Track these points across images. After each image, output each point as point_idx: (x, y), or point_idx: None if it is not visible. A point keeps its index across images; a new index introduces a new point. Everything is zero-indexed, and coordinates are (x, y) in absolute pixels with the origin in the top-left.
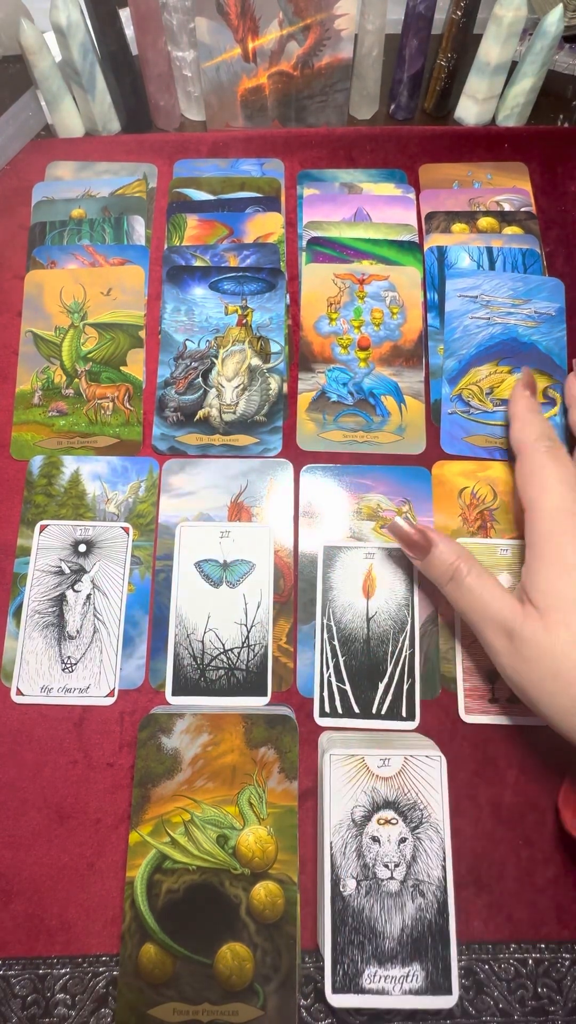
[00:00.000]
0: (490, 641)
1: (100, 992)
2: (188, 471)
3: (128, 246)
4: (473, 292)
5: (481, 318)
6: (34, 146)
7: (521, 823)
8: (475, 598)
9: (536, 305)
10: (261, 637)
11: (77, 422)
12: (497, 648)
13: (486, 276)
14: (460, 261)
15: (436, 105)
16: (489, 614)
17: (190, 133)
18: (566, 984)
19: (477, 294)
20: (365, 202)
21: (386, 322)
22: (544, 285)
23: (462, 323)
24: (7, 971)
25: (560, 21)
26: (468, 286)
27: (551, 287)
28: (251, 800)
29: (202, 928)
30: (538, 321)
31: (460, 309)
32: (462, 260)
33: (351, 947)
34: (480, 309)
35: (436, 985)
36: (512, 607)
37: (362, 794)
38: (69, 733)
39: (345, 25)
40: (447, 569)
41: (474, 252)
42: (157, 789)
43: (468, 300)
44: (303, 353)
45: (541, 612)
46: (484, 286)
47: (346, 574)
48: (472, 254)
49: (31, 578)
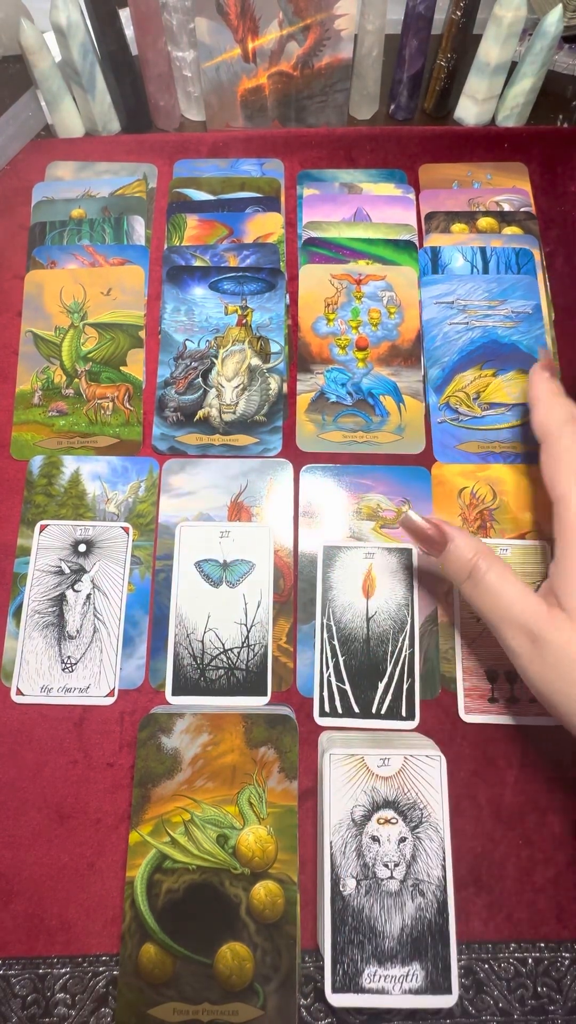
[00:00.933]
0: (510, 642)
1: (100, 992)
2: (188, 471)
3: (128, 246)
4: (449, 298)
5: (460, 323)
6: (34, 146)
7: (521, 823)
8: (495, 598)
9: (512, 305)
10: (261, 637)
11: (77, 422)
12: (517, 650)
13: (459, 280)
14: (454, 262)
15: (436, 105)
16: (510, 615)
17: (190, 133)
18: (566, 983)
19: (453, 299)
20: (365, 202)
21: (384, 322)
22: (518, 284)
23: (441, 330)
24: (7, 971)
25: (560, 21)
26: (443, 292)
27: (525, 285)
28: (251, 800)
29: (202, 928)
30: (516, 320)
31: (438, 316)
32: (456, 261)
33: (351, 947)
34: (458, 314)
35: (436, 985)
36: (536, 609)
37: (362, 794)
38: (69, 733)
39: (345, 25)
40: (464, 566)
41: (467, 252)
42: (157, 789)
43: (445, 306)
44: (301, 354)
45: (571, 615)
46: (459, 290)
47: (346, 574)
48: (466, 254)
49: (31, 578)
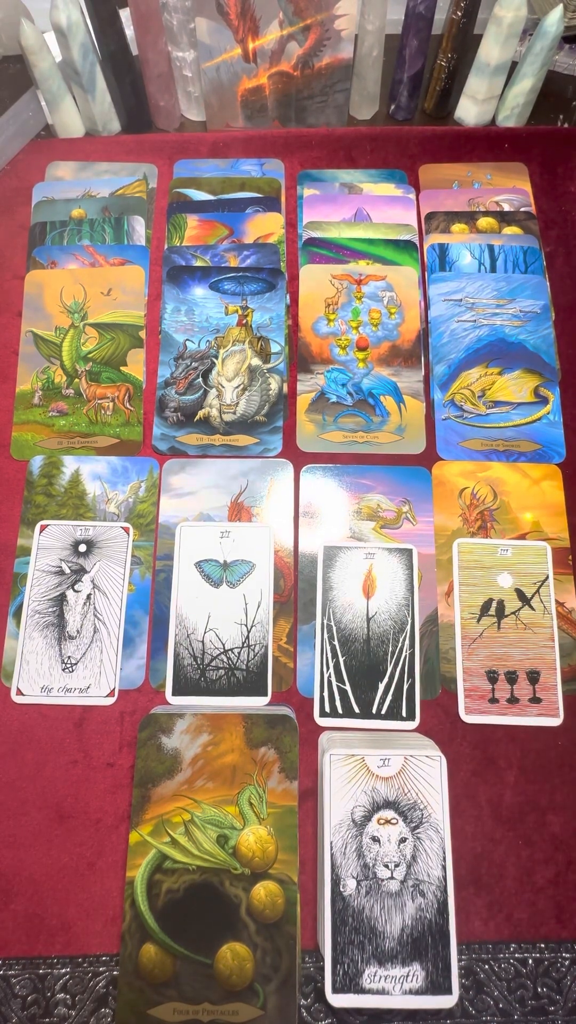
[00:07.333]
0: None
1: (100, 992)
2: (188, 471)
3: (128, 246)
4: (457, 295)
5: (467, 321)
6: (34, 146)
7: (521, 823)
8: None
9: (521, 304)
10: (261, 637)
11: (77, 422)
12: None
13: (468, 278)
14: (461, 259)
15: (436, 105)
16: None
17: (190, 133)
18: (566, 984)
19: (461, 297)
20: (365, 202)
21: (384, 322)
22: (527, 283)
23: (448, 327)
24: (7, 971)
25: (560, 22)
26: (452, 289)
27: (534, 284)
28: (251, 800)
29: (202, 928)
30: (524, 320)
31: (445, 314)
32: (463, 258)
33: (351, 947)
34: (465, 312)
35: (436, 985)
36: None
37: (362, 794)
38: (69, 733)
39: (345, 25)
40: None
41: (475, 250)
42: (157, 789)
43: (453, 304)
44: (302, 354)
45: None
46: (468, 288)
47: (346, 574)
48: (473, 252)
49: (31, 578)
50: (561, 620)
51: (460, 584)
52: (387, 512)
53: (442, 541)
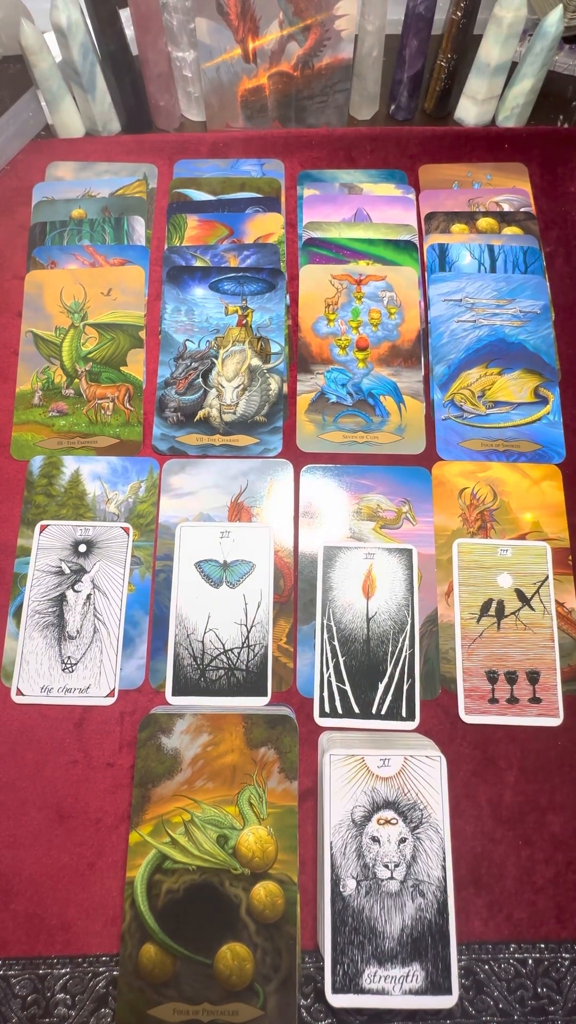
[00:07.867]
0: None
1: (100, 992)
2: (188, 471)
3: (128, 246)
4: (457, 296)
5: (467, 321)
6: (34, 146)
7: (521, 823)
8: None
9: (521, 304)
10: (261, 637)
11: (77, 422)
12: None
13: (468, 278)
14: (461, 259)
15: (436, 105)
16: None
17: (190, 133)
18: (566, 984)
19: (461, 297)
20: (365, 202)
21: (384, 322)
22: (527, 283)
23: (448, 327)
24: (7, 971)
25: (560, 22)
26: (452, 290)
27: (534, 285)
28: (251, 800)
29: (202, 928)
30: (524, 320)
31: (445, 314)
32: (463, 258)
33: (351, 947)
34: (465, 312)
35: (436, 985)
36: None
37: (362, 794)
38: (69, 733)
39: (345, 25)
40: None
41: (475, 250)
42: (157, 789)
43: (453, 304)
44: (301, 354)
45: None
46: (468, 288)
47: (346, 574)
48: (473, 252)
49: (31, 578)
50: (561, 620)
51: (460, 584)
52: (387, 512)
53: (442, 541)
